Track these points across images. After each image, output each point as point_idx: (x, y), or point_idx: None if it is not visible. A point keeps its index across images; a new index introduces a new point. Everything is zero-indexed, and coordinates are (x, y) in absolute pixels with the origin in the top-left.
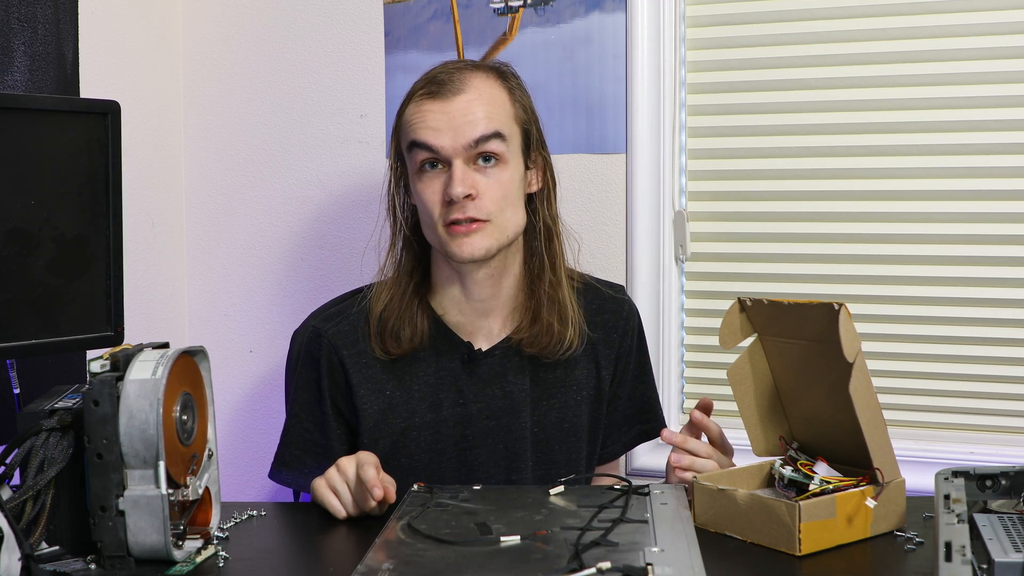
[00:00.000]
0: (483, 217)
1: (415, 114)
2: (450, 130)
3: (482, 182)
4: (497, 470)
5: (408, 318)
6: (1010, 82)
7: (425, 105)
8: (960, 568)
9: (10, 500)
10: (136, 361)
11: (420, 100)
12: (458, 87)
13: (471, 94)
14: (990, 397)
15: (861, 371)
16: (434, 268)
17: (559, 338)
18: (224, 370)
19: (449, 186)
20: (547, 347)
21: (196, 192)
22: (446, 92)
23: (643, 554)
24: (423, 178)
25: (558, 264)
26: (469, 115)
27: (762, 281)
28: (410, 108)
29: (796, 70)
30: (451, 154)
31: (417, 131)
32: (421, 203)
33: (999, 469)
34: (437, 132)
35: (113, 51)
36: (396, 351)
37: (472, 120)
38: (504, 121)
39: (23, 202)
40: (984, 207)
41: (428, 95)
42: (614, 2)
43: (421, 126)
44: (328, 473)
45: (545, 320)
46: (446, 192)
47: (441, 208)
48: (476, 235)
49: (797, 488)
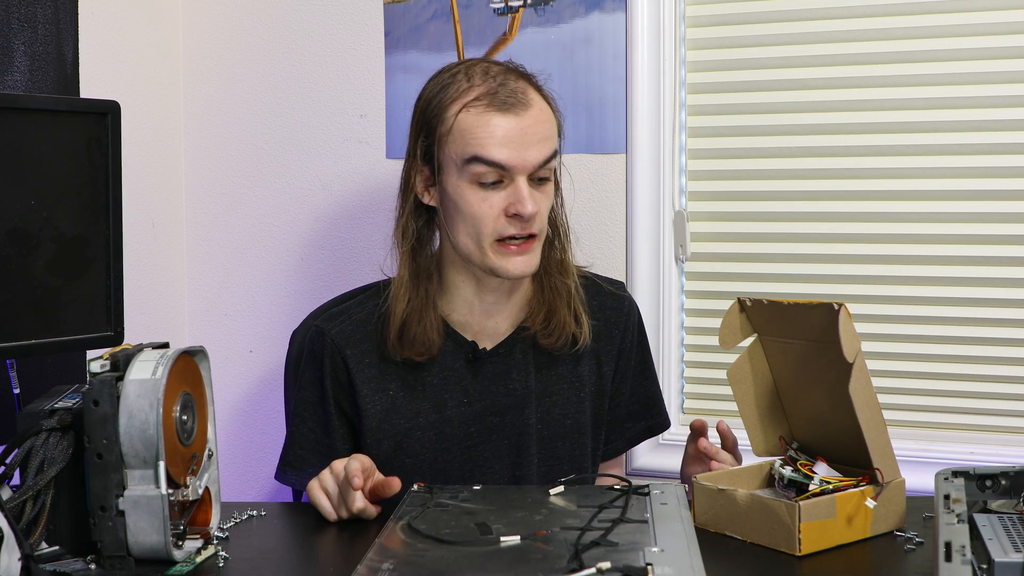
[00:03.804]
0: (537, 232)
1: (481, 127)
2: (522, 149)
3: (539, 198)
4: (502, 467)
5: (427, 325)
6: (1010, 82)
7: (494, 120)
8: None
9: (10, 500)
10: (136, 361)
11: (484, 112)
12: (523, 102)
13: (535, 109)
14: (990, 397)
15: (861, 371)
16: (447, 271)
17: (571, 335)
18: (224, 370)
19: (519, 204)
20: (558, 341)
21: (196, 192)
22: (512, 106)
23: (643, 554)
24: (477, 190)
25: (569, 264)
26: (538, 134)
27: (762, 281)
28: (470, 119)
29: (796, 70)
30: (519, 172)
31: (485, 147)
32: (470, 215)
33: (999, 469)
34: (508, 150)
35: (113, 51)
36: (418, 357)
37: (542, 139)
38: (556, 139)
39: (23, 202)
40: (984, 207)
41: (494, 108)
42: (614, 2)
43: (490, 142)
44: (321, 474)
45: (561, 314)
46: (512, 208)
47: (497, 222)
48: (530, 253)
49: (797, 488)
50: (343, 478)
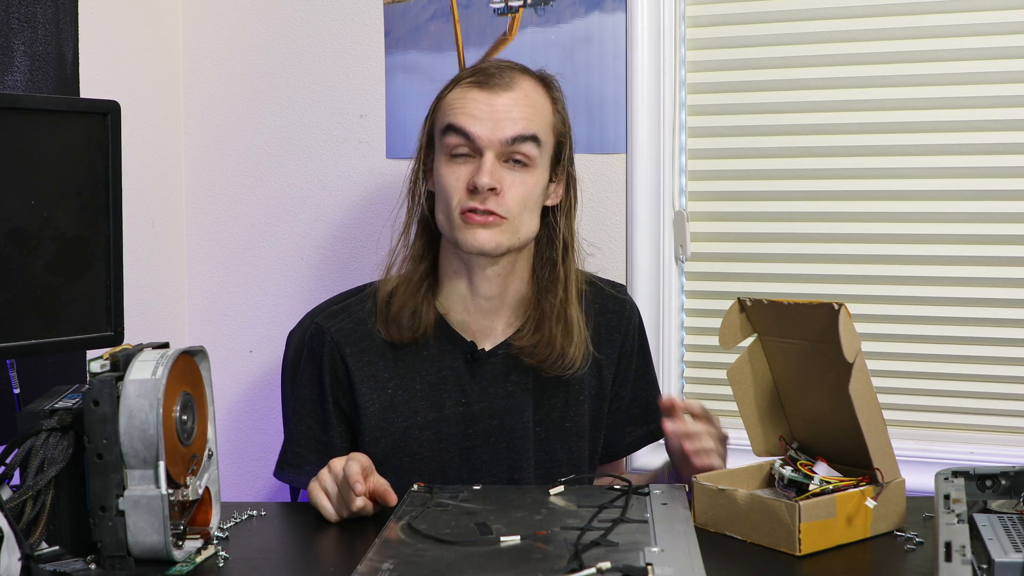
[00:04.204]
0: (502, 213)
1: (458, 99)
2: (490, 121)
3: (508, 179)
4: (500, 469)
5: (414, 303)
6: (1010, 82)
7: (471, 93)
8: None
9: (10, 500)
10: (136, 361)
11: (466, 87)
12: (507, 84)
13: (517, 93)
14: (990, 397)
15: (861, 371)
16: (442, 261)
17: (561, 353)
18: (224, 370)
19: (477, 175)
20: (547, 360)
21: (196, 192)
22: (494, 85)
23: (643, 554)
24: (450, 163)
25: (571, 281)
26: (511, 112)
27: (762, 281)
28: (454, 92)
29: (796, 70)
30: (485, 145)
31: (457, 115)
32: (441, 187)
33: (999, 469)
34: (477, 120)
35: (113, 51)
36: (399, 337)
37: (513, 118)
38: (542, 127)
39: (23, 202)
40: (984, 207)
41: (475, 84)
42: (614, 2)
43: (462, 112)
44: (320, 474)
45: (548, 332)
46: (472, 180)
47: (461, 195)
48: (491, 229)
49: (797, 488)
50: (342, 478)
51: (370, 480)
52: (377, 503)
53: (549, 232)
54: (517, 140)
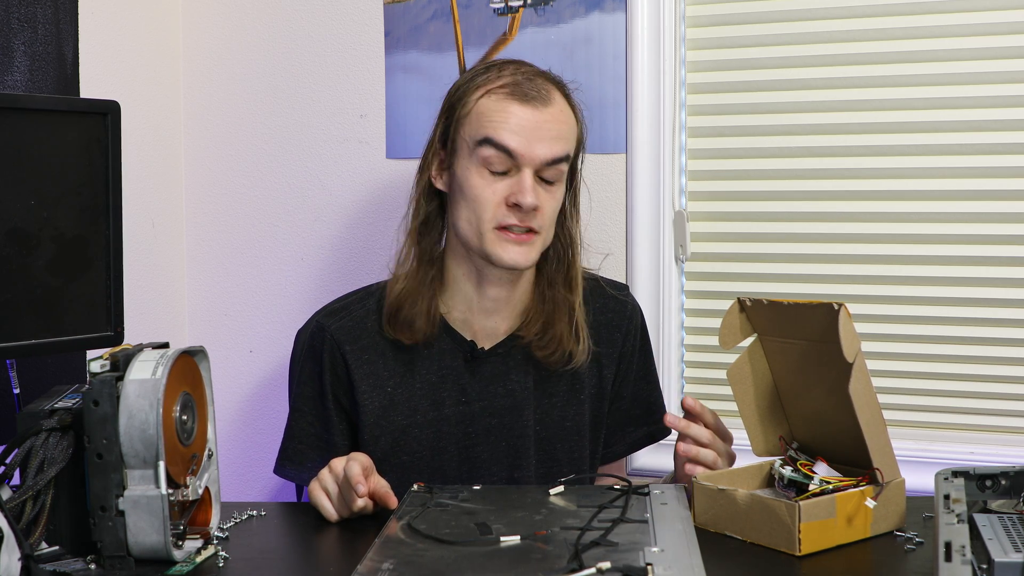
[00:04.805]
0: (537, 229)
1: (497, 111)
2: (534, 140)
3: (543, 196)
4: (500, 468)
5: (424, 306)
6: (1010, 82)
7: (512, 107)
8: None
9: (10, 500)
10: (136, 361)
11: (504, 99)
12: (544, 98)
13: (555, 109)
14: (990, 397)
15: (861, 371)
16: (450, 262)
17: (568, 352)
18: (224, 370)
19: (520, 194)
20: (554, 355)
21: (196, 192)
22: (532, 99)
23: (643, 554)
24: (484, 175)
25: (577, 281)
26: (553, 131)
27: (762, 281)
28: (490, 103)
29: (796, 70)
30: (526, 163)
31: (497, 130)
32: (472, 197)
33: (999, 469)
34: (518, 138)
35: (113, 51)
36: (410, 339)
37: (555, 137)
38: (572, 144)
39: (23, 202)
40: (984, 207)
41: (513, 97)
42: (614, 2)
43: (503, 127)
44: (320, 474)
45: (558, 329)
46: (513, 197)
47: (497, 209)
48: (528, 246)
49: (797, 488)
50: (343, 479)
51: (371, 480)
52: (377, 503)
53: (557, 232)
54: (556, 160)
